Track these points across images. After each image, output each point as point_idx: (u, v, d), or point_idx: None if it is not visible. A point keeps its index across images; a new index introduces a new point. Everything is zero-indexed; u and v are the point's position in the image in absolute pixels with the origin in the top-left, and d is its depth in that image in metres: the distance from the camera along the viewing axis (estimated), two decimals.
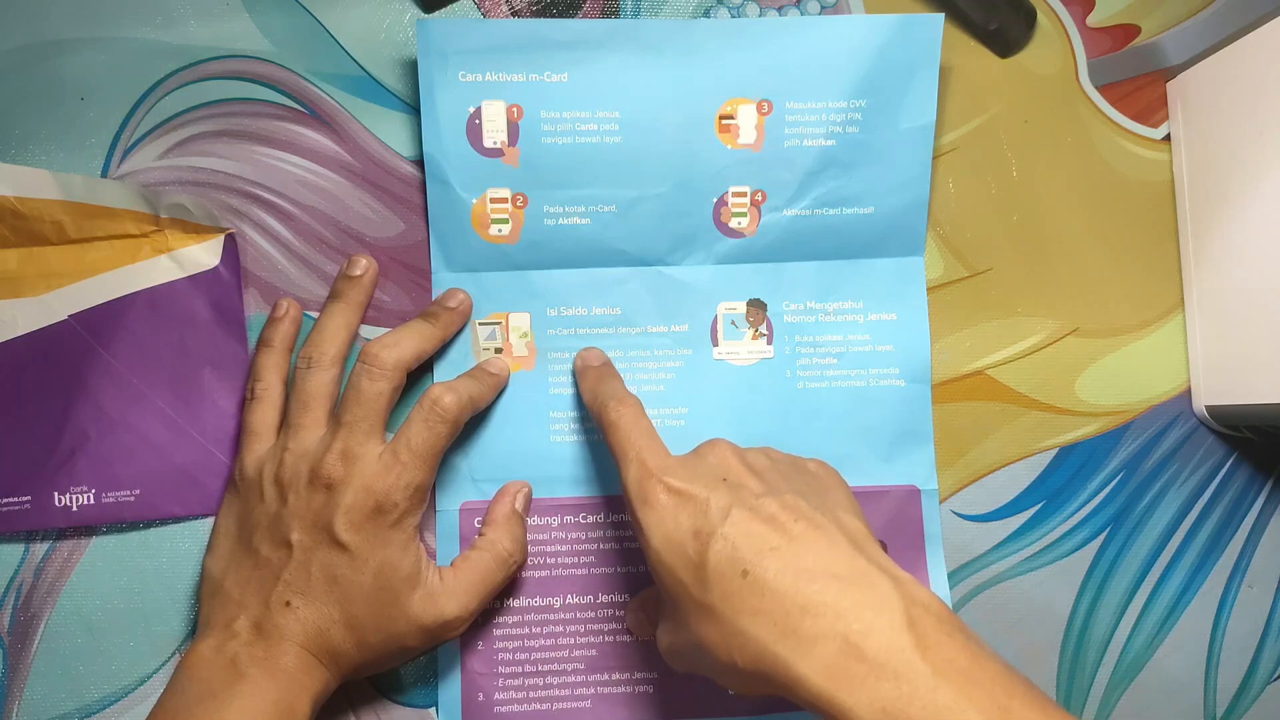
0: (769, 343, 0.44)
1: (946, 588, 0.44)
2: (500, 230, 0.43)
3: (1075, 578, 0.45)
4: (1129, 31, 0.46)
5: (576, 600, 0.43)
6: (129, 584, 0.42)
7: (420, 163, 0.43)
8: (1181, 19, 0.46)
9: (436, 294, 0.43)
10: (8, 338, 0.41)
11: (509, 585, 0.42)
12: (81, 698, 0.42)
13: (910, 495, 0.44)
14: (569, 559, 0.43)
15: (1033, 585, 0.45)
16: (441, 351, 0.43)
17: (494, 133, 0.42)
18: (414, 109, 0.43)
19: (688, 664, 0.35)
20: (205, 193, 0.43)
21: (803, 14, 0.44)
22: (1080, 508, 0.45)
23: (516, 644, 0.43)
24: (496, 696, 0.42)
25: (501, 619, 0.43)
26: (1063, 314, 0.46)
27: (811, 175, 0.43)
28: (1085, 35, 0.46)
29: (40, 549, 0.42)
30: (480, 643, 0.43)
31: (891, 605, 0.29)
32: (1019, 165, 0.45)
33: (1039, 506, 0.45)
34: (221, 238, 0.43)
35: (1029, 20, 0.45)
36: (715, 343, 0.44)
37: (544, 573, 0.43)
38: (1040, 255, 0.45)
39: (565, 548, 0.43)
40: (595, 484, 0.43)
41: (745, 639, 0.31)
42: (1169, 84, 0.46)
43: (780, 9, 0.45)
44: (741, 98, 0.43)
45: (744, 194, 0.43)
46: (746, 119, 0.43)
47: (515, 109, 0.42)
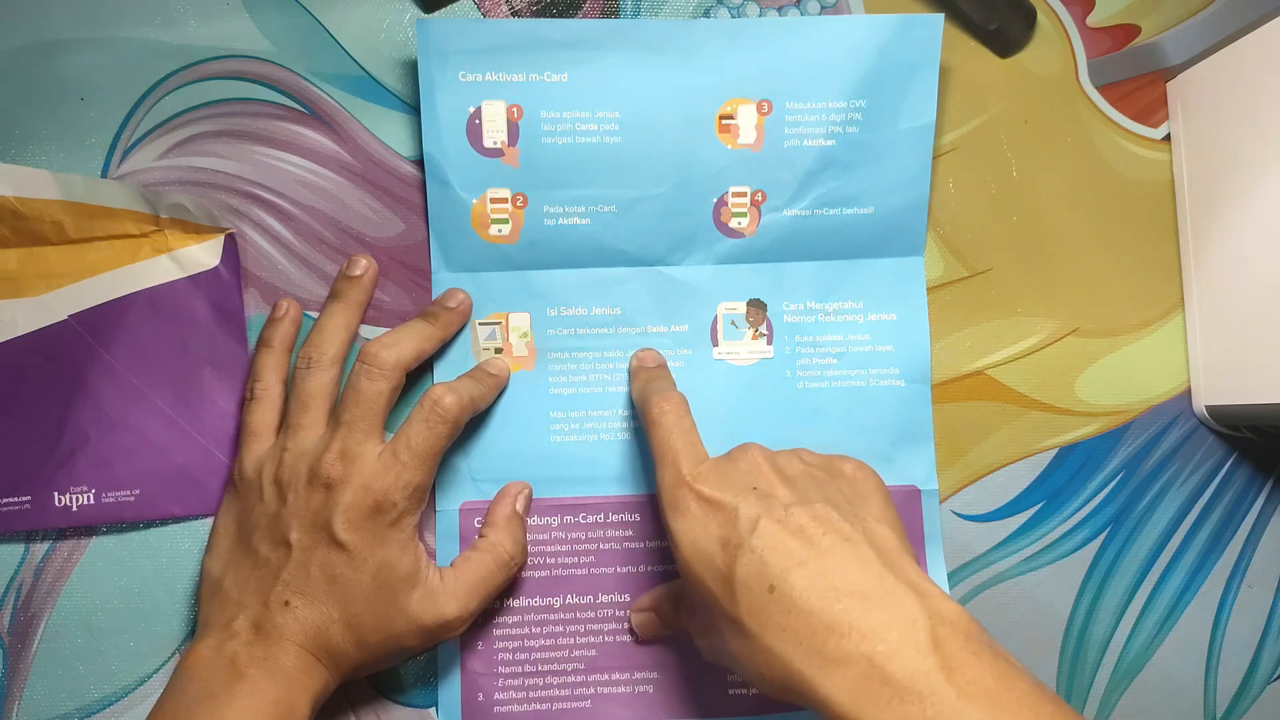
0: (769, 343, 0.44)
1: (947, 588, 0.44)
2: (500, 230, 0.43)
3: (1075, 578, 0.45)
4: (1129, 31, 0.46)
5: (576, 600, 0.43)
6: (129, 584, 0.42)
7: (420, 163, 0.43)
8: (1181, 19, 0.46)
9: (436, 294, 0.43)
10: (8, 338, 0.41)
11: (509, 585, 0.42)
12: (81, 698, 0.42)
13: (910, 495, 0.44)
14: (569, 559, 0.43)
15: (1033, 585, 0.45)
16: (441, 351, 0.43)
17: (494, 133, 0.42)
18: (414, 109, 0.43)
19: (723, 663, 0.35)
20: (205, 193, 0.43)
21: (803, 14, 0.44)
22: (1080, 508, 0.45)
23: (516, 644, 0.43)
24: (496, 696, 0.42)
25: (501, 619, 0.43)
26: (1063, 314, 0.45)
27: (811, 175, 0.43)
28: (1085, 35, 0.46)
29: (40, 549, 0.42)
30: (480, 643, 0.43)
31: (917, 625, 0.29)
32: (1019, 165, 0.45)
33: (1039, 506, 0.45)
34: (221, 238, 0.43)
35: (1029, 20, 0.45)
36: (715, 343, 0.44)
37: (544, 573, 0.43)
38: (1040, 255, 0.45)
39: (565, 548, 0.43)
40: (595, 484, 0.43)
41: (771, 656, 0.31)
42: (1169, 84, 0.46)
43: (780, 9, 0.45)
44: (741, 98, 0.43)
45: (744, 194, 0.43)
46: (746, 119, 0.43)
47: (515, 109, 0.42)
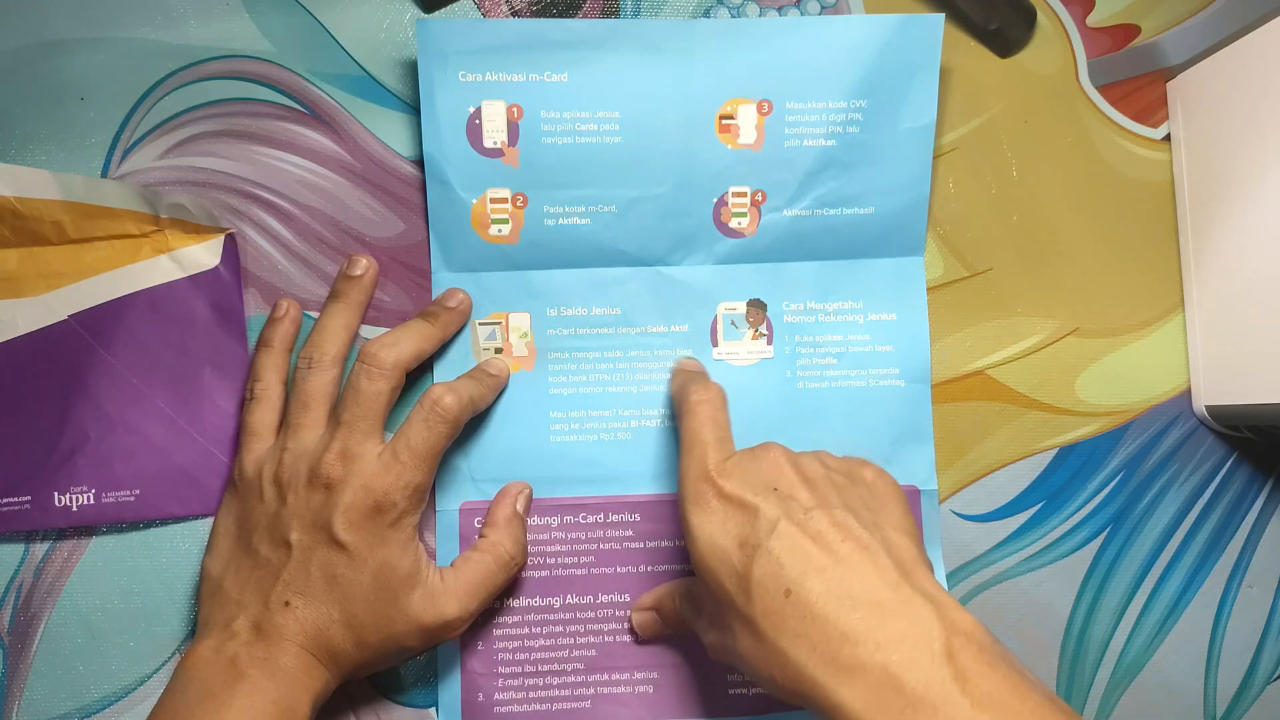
0: (769, 343, 0.44)
1: (946, 588, 0.44)
2: (500, 230, 0.43)
3: (1075, 578, 0.45)
4: (1129, 31, 0.46)
5: (576, 600, 0.43)
6: (129, 584, 0.42)
7: (420, 163, 0.43)
8: (1181, 19, 0.46)
9: (436, 294, 0.43)
10: (8, 338, 0.41)
11: (509, 585, 0.42)
12: (81, 698, 0.42)
13: (910, 495, 0.44)
14: (569, 559, 0.43)
15: (1033, 585, 0.45)
16: (441, 351, 0.43)
17: (494, 133, 0.42)
18: (414, 109, 0.43)
19: (730, 662, 0.35)
20: (205, 193, 0.43)
21: (803, 14, 0.44)
22: (1080, 508, 0.45)
23: (516, 644, 0.43)
24: (496, 696, 0.42)
25: (501, 619, 0.43)
26: (1063, 314, 0.45)
27: (811, 175, 0.43)
28: (1085, 35, 0.46)
29: (40, 549, 0.42)
30: (480, 643, 0.43)
31: (932, 636, 0.29)
32: (1019, 165, 0.45)
33: (1039, 506, 0.45)
34: (221, 238, 0.43)
35: (1029, 20, 0.45)
36: (715, 343, 0.44)
37: (544, 573, 0.43)
38: (1040, 255, 0.45)
39: (565, 548, 0.43)
40: (595, 484, 0.43)
41: (785, 659, 0.31)
42: (1169, 84, 0.46)
43: (780, 9, 0.45)
44: (741, 98, 0.43)
45: (744, 194, 0.43)
46: (746, 119, 0.43)
47: (515, 109, 0.42)
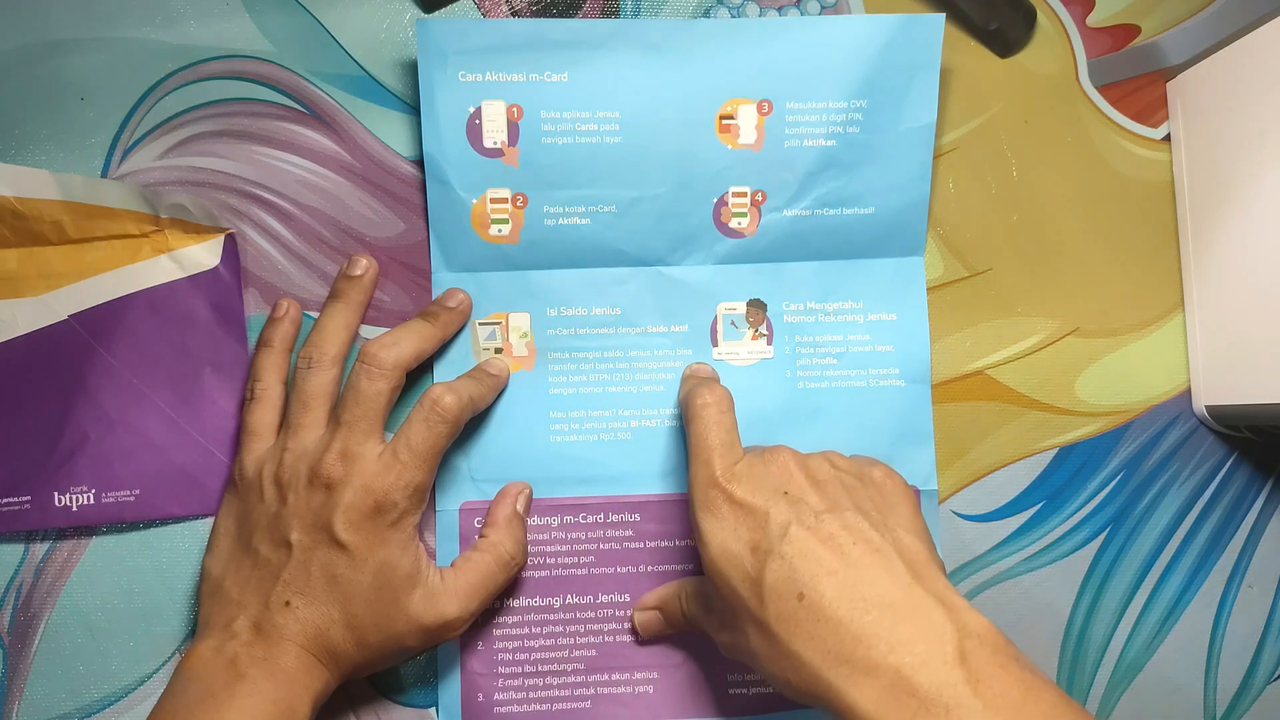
0: (769, 343, 0.44)
1: None
2: (500, 230, 0.43)
3: (1075, 578, 0.45)
4: (1129, 31, 0.46)
5: (576, 600, 0.43)
6: (129, 584, 0.42)
7: (420, 163, 0.43)
8: (1181, 19, 0.46)
9: (436, 294, 0.43)
10: (8, 338, 0.41)
11: (509, 585, 0.42)
12: (81, 698, 0.42)
13: None
14: (569, 559, 0.43)
15: (1033, 585, 0.45)
16: (441, 351, 0.43)
17: (494, 133, 0.42)
18: (414, 109, 0.43)
19: (743, 661, 0.35)
20: (205, 193, 0.43)
21: (803, 14, 0.44)
22: (1080, 508, 0.45)
23: (516, 644, 0.43)
24: (496, 696, 0.42)
25: (501, 619, 0.43)
26: (1063, 314, 0.45)
27: (812, 175, 0.43)
28: (1085, 35, 0.46)
29: (40, 549, 0.42)
30: (480, 643, 0.43)
31: (945, 637, 0.30)
32: (1019, 165, 0.45)
33: (1039, 506, 0.45)
34: (221, 238, 0.43)
35: (1029, 20, 0.45)
36: (715, 343, 0.44)
37: (544, 573, 0.43)
38: (1040, 255, 0.45)
39: (565, 548, 0.43)
40: (595, 484, 0.43)
41: (799, 662, 0.31)
42: (1169, 84, 0.46)
43: (780, 9, 0.45)
44: (741, 98, 0.43)
45: (744, 194, 0.43)
46: (746, 119, 0.43)
47: (515, 109, 0.42)
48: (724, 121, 0.43)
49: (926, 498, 0.44)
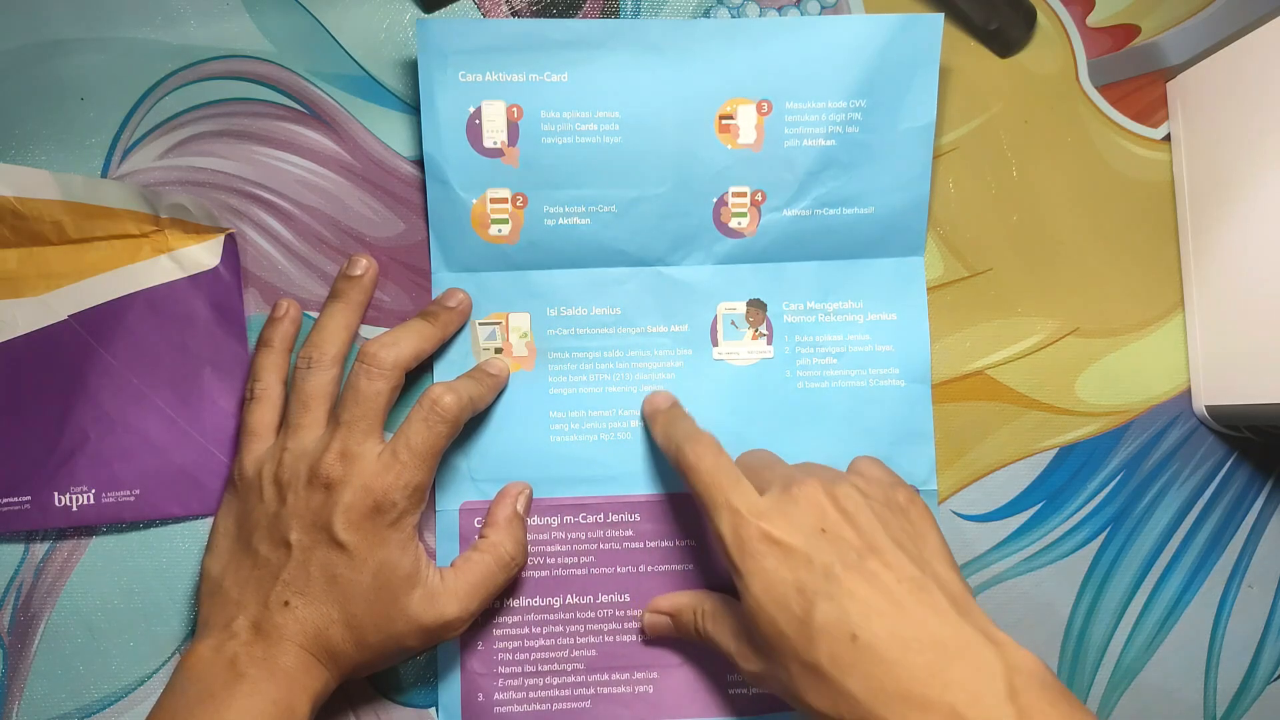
0: (769, 343, 0.44)
1: None
2: (500, 230, 0.43)
3: (1075, 578, 0.45)
4: (1129, 31, 0.46)
5: (576, 600, 0.43)
6: (129, 584, 0.42)
7: (420, 163, 0.43)
8: (1181, 19, 0.46)
9: (436, 294, 0.43)
10: (8, 338, 0.41)
11: (509, 585, 0.42)
12: (81, 698, 0.42)
13: None
14: (569, 559, 0.43)
15: (1033, 585, 0.45)
16: (441, 351, 0.43)
17: (494, 133, 0.42)
18: (414, 109, 0.43)
19: (774, 692, 0.35)
20: (205, 193, 0.43)
21: (803, 14, 0.44)
22: (1080, 508, 0.45)
23: (516, 644, 0.43)
24: (496, 696, 0.42)
25: (501, 619, 0.43)
26: (1063, 314, 0.45)
27: (811, 175, 0.43)
28: (1085, 35, 0.46)
29: (40, 549, 0.42)
30: (480, 643, 0.43)
31: (995, 674, 0.30)
32: (1019, 165, 0.45)
33: (1039, 506, 0.45)
34: (221, 238, 0.43)
35: (1029, 20, 0.45)
36: (715, 343, 0.44)
37: (544, 573, 0.43)
38: (1040, 255, 0.45)
39: (565, 548, 0.43)
40: (595, 484, 0.43)
41: (854, 701, 0.31)
42: (1169, 84, 0.46)
43: (780, 9, 0.45)
44: (741, 98, 0.43)
45: (744, 194, 0.43)
46: (746, 119, 0.43)
47: (515, 109, 0.42)
48: (724, 121, 0.43)
49: (927, 498, 0.44)
